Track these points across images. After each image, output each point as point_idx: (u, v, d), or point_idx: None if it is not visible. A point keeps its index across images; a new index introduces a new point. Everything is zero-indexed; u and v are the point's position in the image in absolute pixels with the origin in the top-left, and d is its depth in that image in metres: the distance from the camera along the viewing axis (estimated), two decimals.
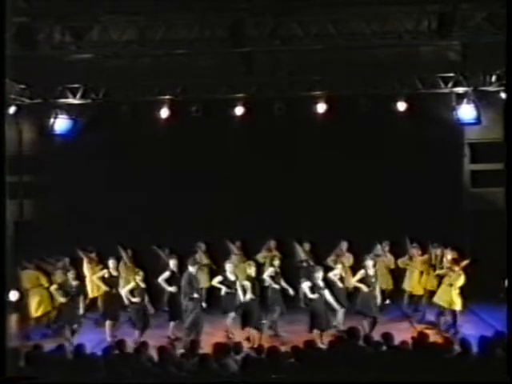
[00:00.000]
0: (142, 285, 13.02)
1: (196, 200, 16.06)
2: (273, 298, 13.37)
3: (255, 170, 15.99)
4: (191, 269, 13.02)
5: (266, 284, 13.49)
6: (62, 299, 13.16)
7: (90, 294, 14.78)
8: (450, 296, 12.99)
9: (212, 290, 14.17)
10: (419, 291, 14.48)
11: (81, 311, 13.36)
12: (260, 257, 15.20)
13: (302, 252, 15.14)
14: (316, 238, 15.31)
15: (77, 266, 14.62)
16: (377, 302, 13.05)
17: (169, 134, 16.00)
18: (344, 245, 15.06)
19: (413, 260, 14.71)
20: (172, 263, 13.60)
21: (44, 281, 14.17)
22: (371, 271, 13.03)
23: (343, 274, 13.50)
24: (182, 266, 13.66)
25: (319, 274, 12.72)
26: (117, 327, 13.37)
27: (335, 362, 8.20)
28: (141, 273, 13.38)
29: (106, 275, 13.89)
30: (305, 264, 14.77)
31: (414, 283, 14.57)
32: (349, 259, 14.81)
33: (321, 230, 15.32)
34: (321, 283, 12.68)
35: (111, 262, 14.01)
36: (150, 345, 9.42)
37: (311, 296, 12.61)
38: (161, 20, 12.57)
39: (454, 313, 13.07)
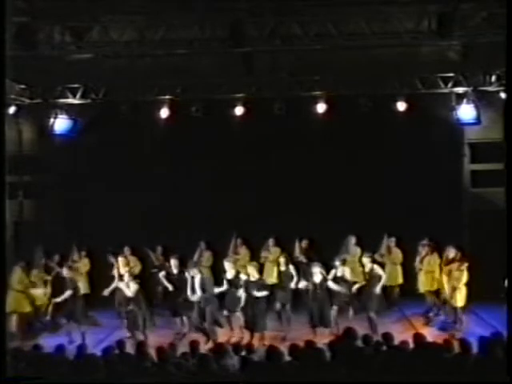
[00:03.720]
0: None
1: (196, 200, 16.08)
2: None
3: (255, 169, 16.00)
4: (191, 272, 13.04)
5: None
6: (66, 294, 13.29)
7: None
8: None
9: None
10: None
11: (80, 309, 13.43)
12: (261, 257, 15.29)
13: (297, 249, 15.21)
14: (315, 236, 15.33)
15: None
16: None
17: (169, 134, 16.01)
18: (352, 240, 15.13)
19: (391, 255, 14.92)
20: (172, 263, 13.68)
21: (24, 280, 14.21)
22: (367, 269, 13.16)
23: (345, 272, 13.48)
24: (181, 266, 13.71)
25: (316, 271, 12.75)
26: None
27: (335, 362, 8.20)
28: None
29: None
30: (304, 261, 14.80)
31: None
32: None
33: (320, 229, 15.33)
34: (317, 280, 12.71)
35: (120, 260, 14.10)
36: (149, 345, 9.43)
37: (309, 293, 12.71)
38: (161, 20, 12.56)
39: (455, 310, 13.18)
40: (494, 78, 14.68)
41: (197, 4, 11.86)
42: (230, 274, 13.14)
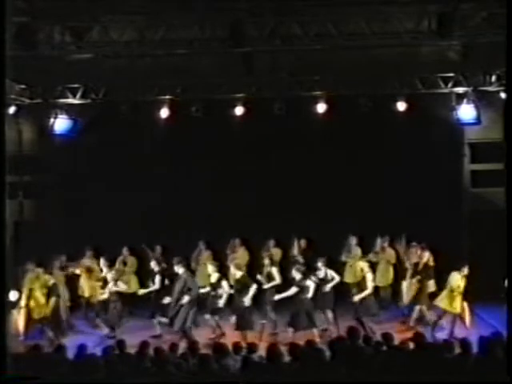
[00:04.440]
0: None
1: (196, 200, 16.08)
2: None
3: (255, 169, 16.00)
4: (177, 269, 13.03)
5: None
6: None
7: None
8: (453, 299, 13.02)
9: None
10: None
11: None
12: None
13: (295, 249, 15.23)
14: (315, 236, 15.33)
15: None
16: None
17: (169, 133, 16.01)
18: (354, 240, 15.15)
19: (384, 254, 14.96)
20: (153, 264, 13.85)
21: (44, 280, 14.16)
22: (364, 273, 13.20)
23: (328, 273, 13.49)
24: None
25: (296, 274, 12.83)
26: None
27: (335, 362, 8.20)
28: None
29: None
30: (301, 261, 14.83)
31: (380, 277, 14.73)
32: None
33: (320, 229, 15.33)
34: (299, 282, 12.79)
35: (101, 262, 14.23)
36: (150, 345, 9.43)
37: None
38: (161, 20, 12.56)
39: (454, 316, 13.11)
40: (494, 78, 14.68)
41: (197, 4, 11.86)
42: (213, 277, 13.19)
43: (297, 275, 12.81)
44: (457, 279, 13.05)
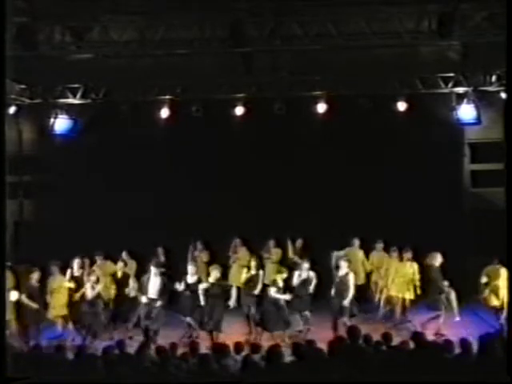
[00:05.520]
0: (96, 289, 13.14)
1: (196, 200, 16.07)
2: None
3: (255, 169, 15.99)
4: (153, 271, 13.05)
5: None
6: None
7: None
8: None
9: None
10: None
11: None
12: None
13: (290, 250, 15.23)
14: (315, 236, 15.32)
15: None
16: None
17: (169, 133, 16.02)
18: (356, 242, 15.07)
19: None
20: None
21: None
22: (343, 272, 13.15)
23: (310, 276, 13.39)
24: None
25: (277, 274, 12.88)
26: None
27: (335, 361, 8.20)
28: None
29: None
30: (298, 261, 14.83)
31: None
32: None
33: (320, 229, 15.32)
34: (280, 283, 12.79)
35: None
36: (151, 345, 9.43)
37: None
38: (161, 20, 12.59)
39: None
40: (494, 78, 14.68)
41: (197, 4, 11.88)
42: (191, 278, 13.10)
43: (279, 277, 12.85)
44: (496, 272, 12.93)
